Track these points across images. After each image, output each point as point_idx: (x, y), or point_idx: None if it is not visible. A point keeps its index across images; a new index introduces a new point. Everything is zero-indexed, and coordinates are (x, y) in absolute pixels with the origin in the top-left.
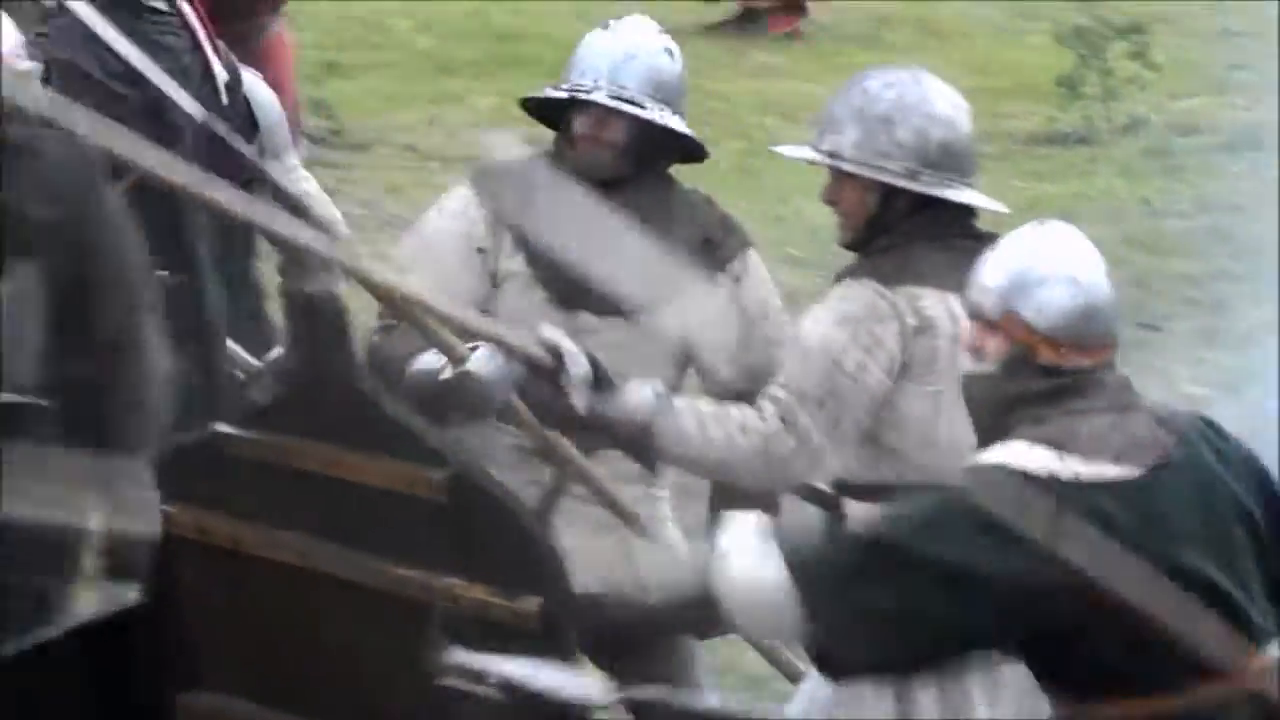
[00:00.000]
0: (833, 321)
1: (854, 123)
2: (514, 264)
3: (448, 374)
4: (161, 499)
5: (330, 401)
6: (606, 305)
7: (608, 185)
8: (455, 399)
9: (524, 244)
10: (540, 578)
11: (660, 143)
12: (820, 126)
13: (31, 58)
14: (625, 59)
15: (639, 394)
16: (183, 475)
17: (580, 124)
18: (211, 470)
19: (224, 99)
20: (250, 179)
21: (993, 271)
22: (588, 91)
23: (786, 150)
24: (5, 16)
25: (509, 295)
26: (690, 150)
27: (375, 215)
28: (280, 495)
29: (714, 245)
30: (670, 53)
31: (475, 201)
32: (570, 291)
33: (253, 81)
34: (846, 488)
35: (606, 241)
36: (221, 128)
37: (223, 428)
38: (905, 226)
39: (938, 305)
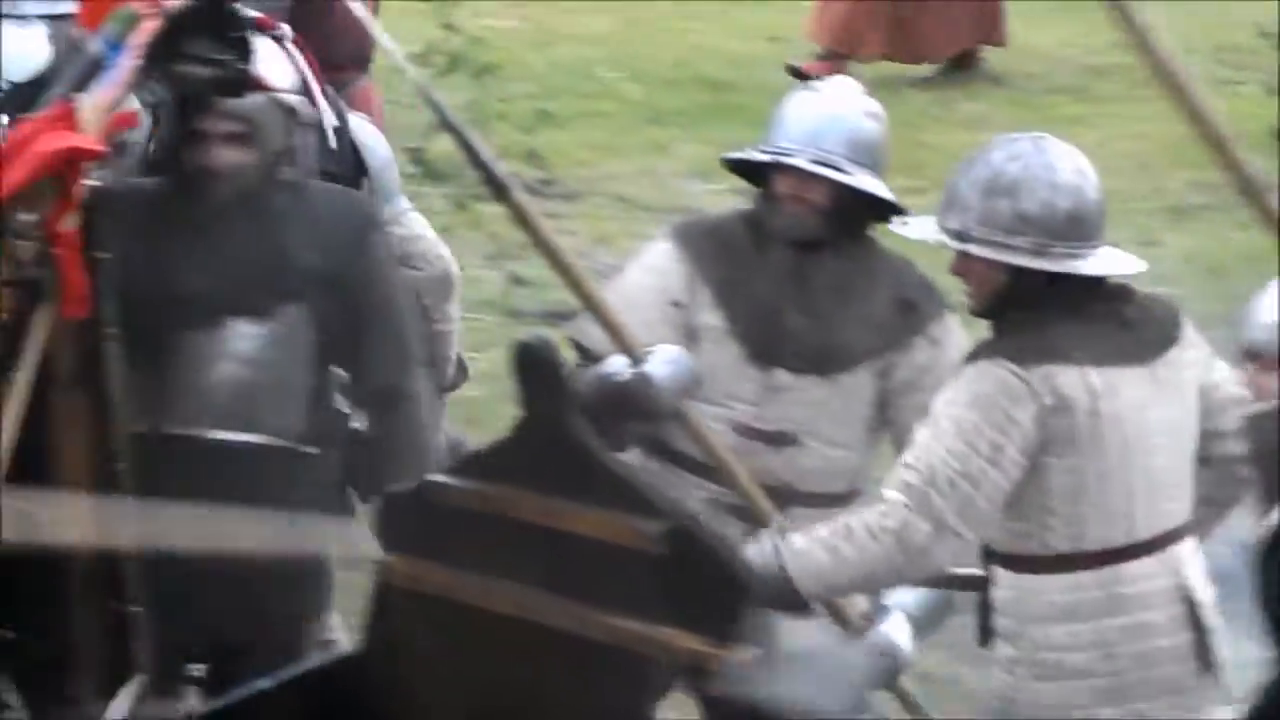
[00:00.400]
0: (966, 403)
1: (979, 198)
2: (711, 319)
3: (625, 376)
4: (380, 544)
5: (546, 451)
6: (802, 362)
7: (808, 246)
8: (630, 401)
9: (722, 299)
10: (756, 629)
11: (861, 205)
12: (945, 202)
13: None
14: (828, 122)
15: (761, 552)
16: (398, 524)
17: (782, 185)
18: (426, 519)
19: (332, 142)
20: None
21: (1271, 312)
22: (790, 155)
23: (912, 230)
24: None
25: (705, 350)
26: (892, 210)
27: (586, 265)
28: (495, 545)
29: (913, 308)
30: (873, 116)
31: (675, 255)
32: (767, 348)
33: (359, 125)
34: (995, 556)
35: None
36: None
37: (438, 477)
38: (1037, 301)
39: (1075, 383)
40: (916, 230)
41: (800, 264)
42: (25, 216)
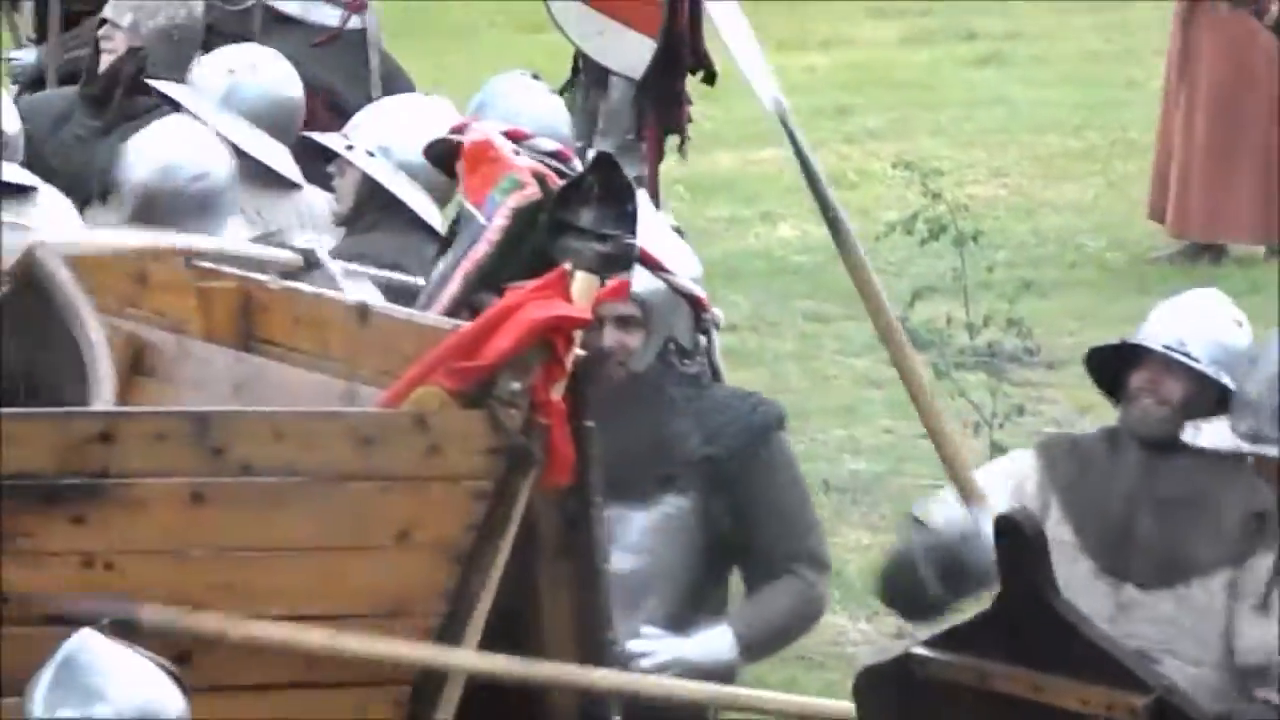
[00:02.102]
0: None
1: (1268, 396)
2: (1061, 531)
3: (966, 522)
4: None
5: (1028, 623)
6: (1150, 576)
7: (1161, 446)
8: (973, 554)
9: (1071, 510)
10: None
11: (1216, 406)
12: (1235, 405)
13: None
14: (1190, 321)
15: None
16: (878, 697)
17: (1138, 378)
18: (907, 692)
19: None
20: None
21: None
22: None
23: (1206, 439)
24: None
25: (1057, 566)
26: None
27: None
28: (975, 718)
29: (1266, 520)
30: (1239, 324)
31: (1033, 464)
32: (1116, 561)
33: None
34: None
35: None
36: None
37: (918, 649)
38: None
39: None
40: (1209, 437)
41: (1152, 466)
42: (513, 384)
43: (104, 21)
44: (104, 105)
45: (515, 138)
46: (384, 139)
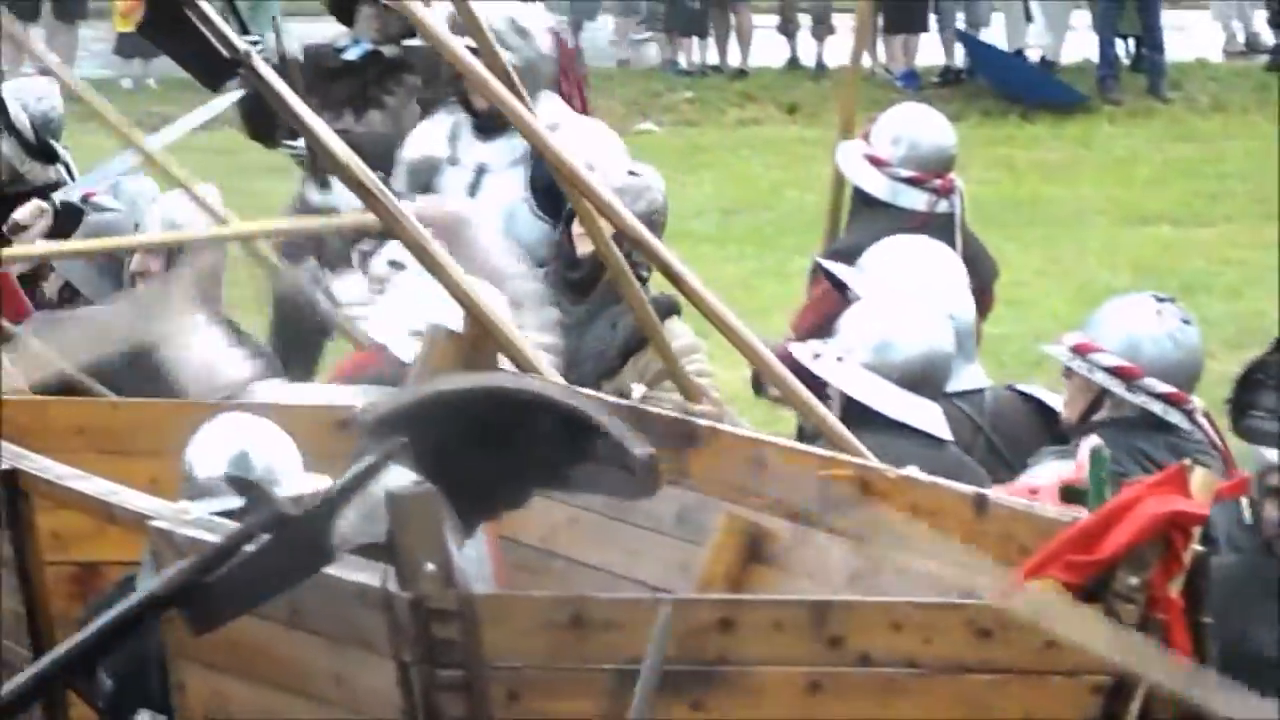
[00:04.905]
0: None
1: None
2: None
3: None
4: None
5: None
6: None
7: None
8: None
9: None
10: None
11: None
12: None
13: None
14: None
15: None
16: None
17: None
18: None
19: None
20: None
21: None
22: None
23: None
24: None
25: None
26: None
27: None
28: None
29: None
30: None
31: None
32: None
33: None
34: None
35: None
36: None
37: None
38: None
39: None
40: None
41: None
42: (1131, 579)
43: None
44: (586, 292)
45: (1126, 374)
46: None
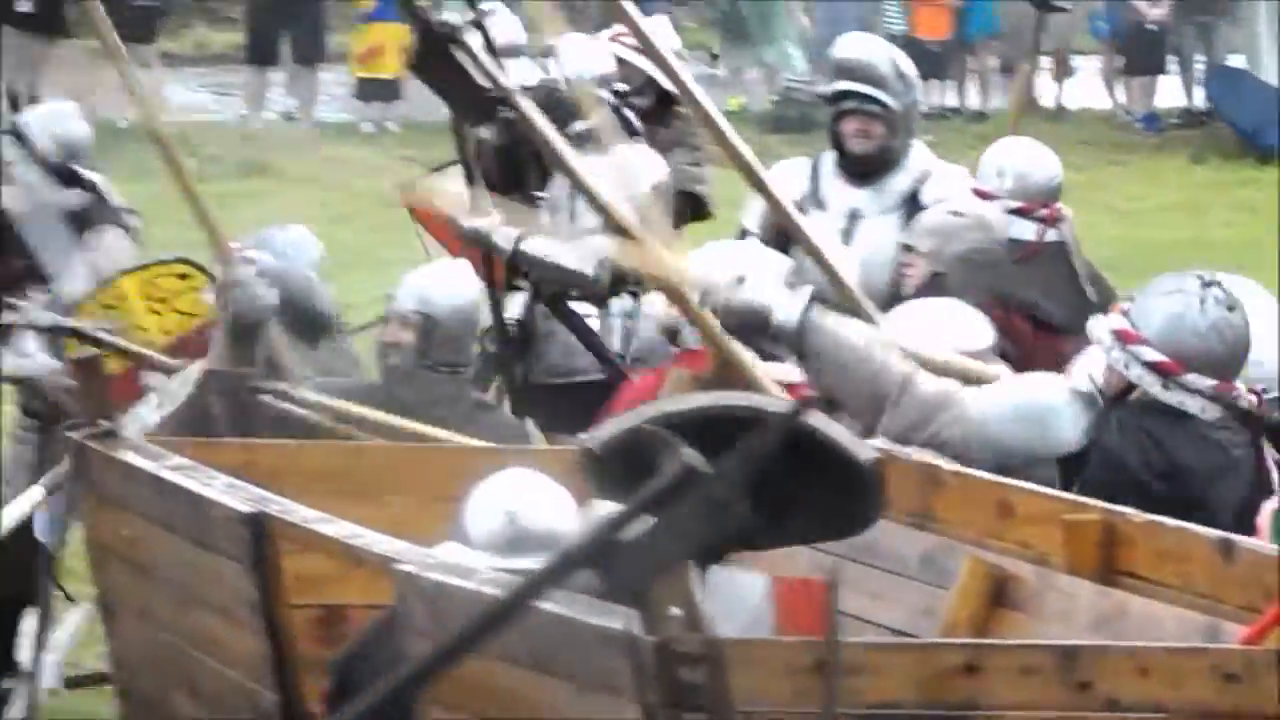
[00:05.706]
0: None
1: None
2: None
3: None
4: None
5: None
6: None
7: None
8: None
9: None
10: None
11: None
12: None
13: None
14: None
15: None
16: None
17: None
18: None
19: None
20: None
21: None
22: None
23: None
24: None
25: None
26: None
27: None
28: None
29: None
30: None
31: None
32: None
33: None
34: None
35: None
36: None
37: None
38: None
39: None
40: None
41: None
42: None
43: None
44: None
45: (1164, 370)
46: None
